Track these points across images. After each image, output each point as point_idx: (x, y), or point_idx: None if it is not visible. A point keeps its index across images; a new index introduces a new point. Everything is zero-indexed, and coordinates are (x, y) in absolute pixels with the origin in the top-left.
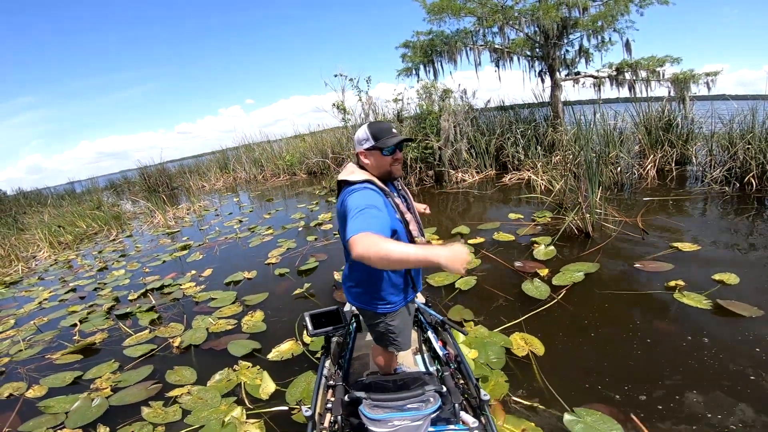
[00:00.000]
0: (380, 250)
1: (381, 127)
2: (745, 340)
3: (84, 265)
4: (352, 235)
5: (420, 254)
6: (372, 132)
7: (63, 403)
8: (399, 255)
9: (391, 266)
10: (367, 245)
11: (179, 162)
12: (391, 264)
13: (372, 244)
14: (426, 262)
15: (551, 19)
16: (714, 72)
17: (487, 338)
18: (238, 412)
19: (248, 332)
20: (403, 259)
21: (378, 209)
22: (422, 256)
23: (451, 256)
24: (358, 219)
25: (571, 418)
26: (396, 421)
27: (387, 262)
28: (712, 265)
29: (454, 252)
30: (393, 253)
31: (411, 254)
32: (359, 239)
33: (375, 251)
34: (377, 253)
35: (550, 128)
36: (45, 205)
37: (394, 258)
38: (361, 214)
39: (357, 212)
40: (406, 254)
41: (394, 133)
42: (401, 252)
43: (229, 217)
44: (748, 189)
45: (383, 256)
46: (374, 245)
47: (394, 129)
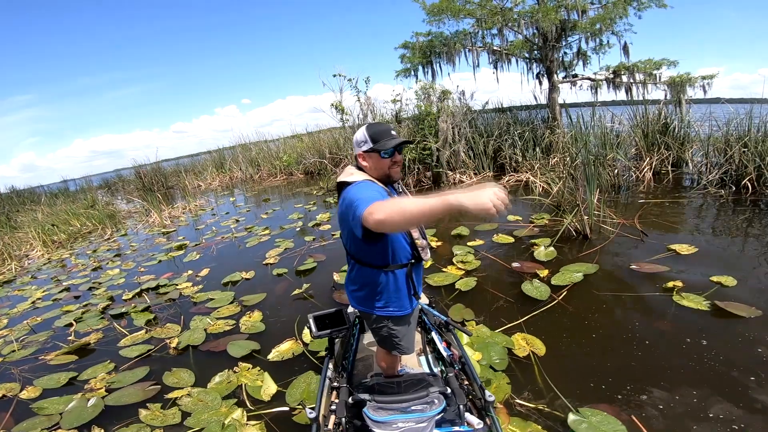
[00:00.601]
0: (397, 207)
1: (380, 129)
2: (745, 340)
3: (78, 264)
4: (363, 208)
5: (438, 202)
6: (370, 134)
7: (57, 404)
8: (418, 208)
9: (413, 221)
10: (384, 209)
11: (175, 161)
12: (413, 219)
13: (388, 207)
14: (445, 207)
15: (550, 21)
16: (710, 75)
17: (489, 338)
18: (239, 413)
19: (247, 333)
20: (423, 212)
21: (381, 195)
22: (442, 203)
23: (473, 196)
24: (363, 197)
25: (576, 418)
26: (400, 423)
27: (408, 217)
28: (709, 267)
29: (477, 192)
30: (410, 208)
31: (427, 203)
32: (374, 208)
33: (392, 211)
34: (395, 211)
35: (548, 130)
36: (38, 203)
37: (415, 212)
38: (366, 195)
39: (363, 194)
40: (426, 205)
41: (393, 135)
42: (420, 204)
43: (225, 217)
44: (744, 192)
45: (402, 211)
46: (390, 207)
47: (393, 131)
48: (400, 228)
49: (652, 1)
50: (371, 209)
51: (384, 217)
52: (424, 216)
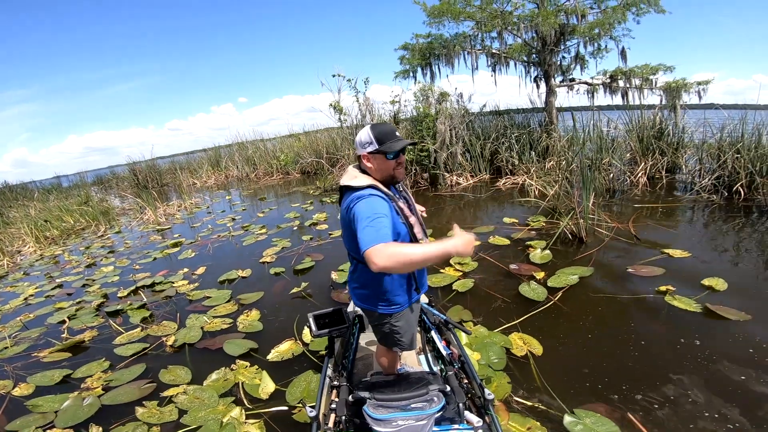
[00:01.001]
0: (401, 258)
1: (385, 130)
2: (736, 342)
3: (71, 261)
4: (367, 247)
5: (436, 250)
6: (376, 135)
7: (52, 402)
8: (420, 257)
9: (414, 269)
10: (387, 256)
11: (170, 158)
12: (414, 267)
13: (391, 255)
14: (444, 255)
15: (550, 25)
16: (705, 81)
17: (487, 338)
18: (237, 412)
19: (244, 331)
20: (424, 260)
21: (385, 216)
22: (439, 251)
23: (462, 243)
24: (369, 230)
25: (571, 419)
26: (400, 421)
27: (410, 266)
28: (701, 271)
29: (463, 240)
30: (413, 257)
31: (429, 253)
32: (377, 252)
33: (396, 260)
34: (398, 261)
35: (545, 134)
36: (31, 199)
37: (416, 261)
38: (371, 225)
39: (367, 223)
40: (425, 254)
41: (398, 136)
42: (421, 254)
43: (221, 215)
44: (736, 198)
45: (405, 262)
46: (394, 255)
47: (397, 132)
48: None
49: (651, 7)
50: (375, 252)
51: (389, 264)
52: (425, 263)
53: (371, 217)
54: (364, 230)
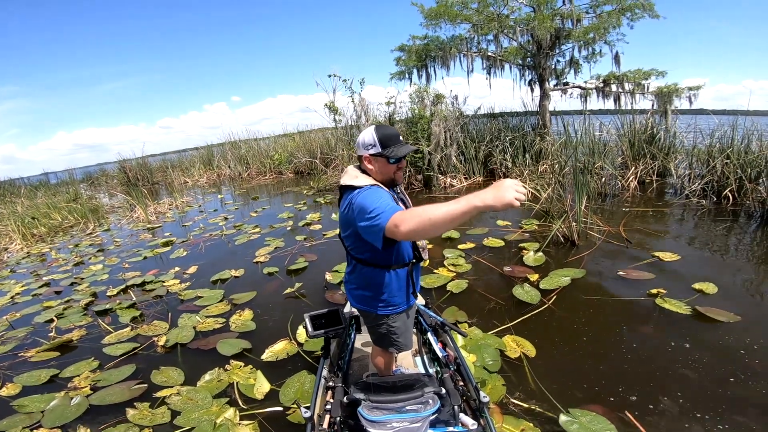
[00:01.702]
0: (425, 219)
1: (389, 134)
2: (726, 344)
3: (59, 259)
4: (387, 218)
5: (463, 206)
6: (380, 137)
7: (38, 402)
8: (444, 215)
9: (440, 230)
10: (412, 219)
11: (161, 156)
12: (440, 227)
13: (415, 217)
14: (471, 210)
15: (546, 29)
16: (696, 86)
17: (482, 340)
18: (231, 413)
19: (237, 331)
20: (451, 217)
21: (391, 199)
22: (466, 207)
23: (494, 194)
24: (382, 206)
25: (567, 418)
26: (395, 423)
27: (435, 227)
28: (691, 274)
29: (496, 189)
30: (438, 216)
31: (455, 209)
32: (399, 219)
33: (420, 222)
34: (423, 223)
35: (538, 137)
36: (18, 195)
37: (441, 220)
38: (382, 203)
39: (377, 203)
40: (449, 211)
41: (402, 141)
42: (445, 211)
43: (213, 214)
44: (725, 203)
45: (430, 222)
46: (417, 217)
47: (400, 136)
48: (428, 236)
49: (645, 12)
50: (396, 221)
51: (413, 227)
52: (452, 221)
53: (378, 199)
54: (377, 209)
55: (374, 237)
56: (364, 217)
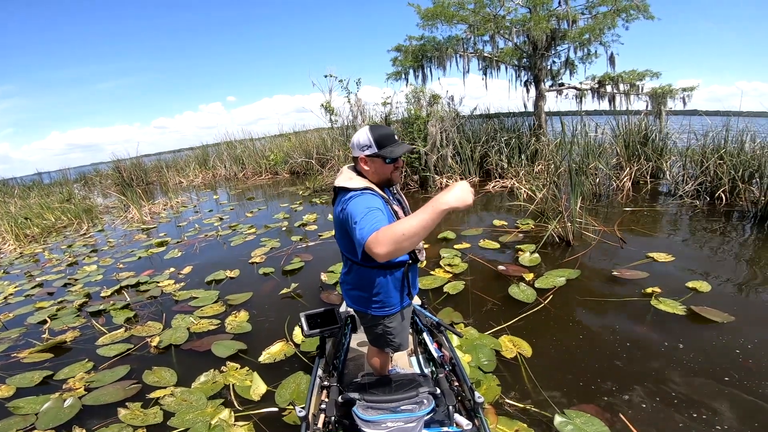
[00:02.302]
0: (398, 236)
1: (385, 134)
2: (720, 343)
3: (52, 260)
4: (364, 239)
5: (431, 213)
6: (375, 138)
7: (33, 403)
8: (416, 226)
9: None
10: (386, 241)
11: (156, 156)
12: (416, 238)
13: (389, 237)
14: (439, 214)
15: (541, 30)
16: (690, 87)
17: (478, 340)
18: (226, 414)
19: (233, 333)
20: (422, 226)
21: (381, 211)
22: (435, 213)
23: (454, 195)
24: (365, 220)
25: (562, 420)
26: (389, 423)
27: (411, 240)
28: (685, 274)
29: (458, 191)
30: (410, 229)
31: (425, 218)
32: (375, 241)
33: (395, 241)
34: (397, 240)
35: (533, 138)
36: (11, 195)
37: (414, 232)
38: (366, 217)
39: (361, 216)
40: (421, 221)
41: (398, 140)
42: (416, 223)
43: (209, 215)
44: (718, 203)
45: (405, 238)
46: (391, 236)
47: (396, 135)
48: (406, 250)
49: (640, 13)
50: (375, 241)
51: (392, 248)
52: (424, 231)
53: (365, 211)
54: (359, 223)
55: (356, 245)
56: (350, 225)
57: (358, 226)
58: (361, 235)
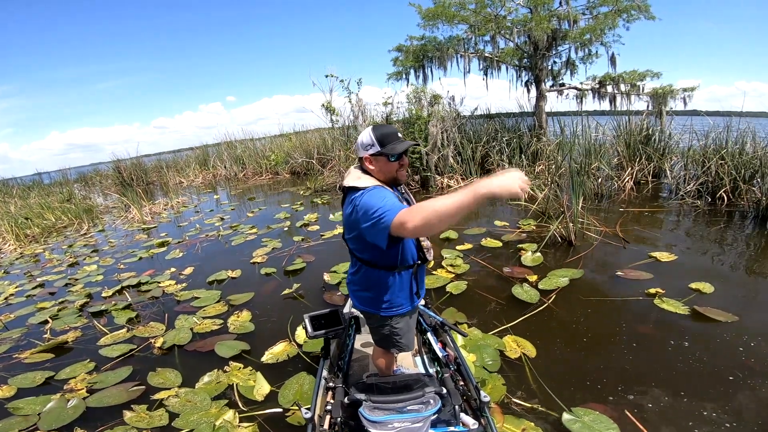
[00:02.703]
0: (431, 212)
1: (387, 132)
2: (724, 343)
3: (53, 260)
4: (393, 215)
5: (470, 195)
6: (377, 137)
7: (34, 404)
8: (451, 206)
9: (448, 222)
10: (418, 215)
11: (156, 156)
12: (447, 219)
13: (421, 212)
14: (478, 198)
15: (542, 30)
16: (691, 87)
17: (482, 340)
18: (230, 415)
19: (236, 333)
20: (458, 208)
21: (398, 200)
22: (474, 196)
23: (499, 182)
24: (387, 204)
25: (570, 417)
26: (396, 423)
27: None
28: (688, 274)
29: (505, 177)
30: (444, 208)
31: (462, 200)
32: (405, 217)
33: (427, 216)
34: (430, 217)
35: (534, 138)
36: (11, 196)
37: (448, 212)
38: (387, 201)
39: (382, 202)
40: (457, 202)
41: (400, 138)
42: (451, 203)
43: (209, 215)
44: (720, 203)
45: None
46: (423, 212)
47: (399, 133)
48: (435, 230)
49: (641, 13)
50: (402, 218)
51: (420, 222)
52: (458, 212)
53: (382, 199)
54: (382, 207)
55: (379, 236)
56: (368, 217)
57: (381, 210)
58: (389, 215)
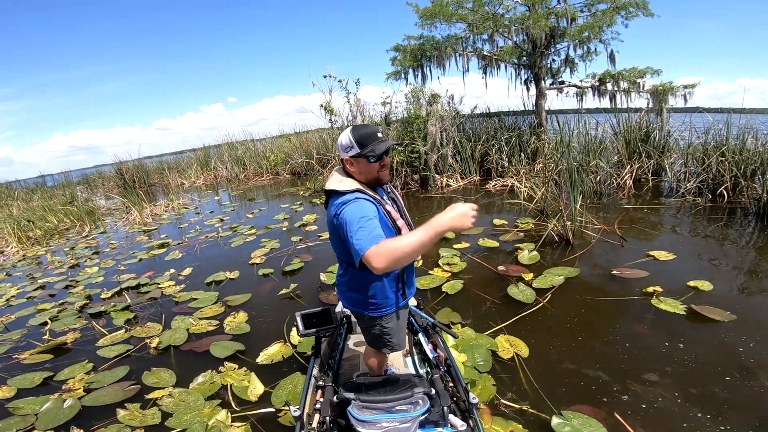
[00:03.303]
0: (396, 254)
1: (366, 133)
2: (721, 343)
3: (54, 262)
4: (362, 252)
5: (430, 233)
6: (356, 138)
7: (33, 404)
8: (415, 245)
9: (413, 257)
10: (384, 257)
11: (158, 158)
12: (413, 256)
13: (387, 253)
14: (437, 234)
15: (540, 28)
16: (691, 84)
17: (474, 340)
18: (223, 415)
19: (231, 333)
20: (421, 245)
21: (375, 218)
22: (433, 233)
23: (455, 216)
24: (361, 233)
25: (559, 421)
26: (384, 423)
27: (408, 257)
28: (686, 272)
29: (456, 212)
30: (407, 248)
31: (423, 239)
32: (372, 256)
33: (392, 258)
34: (395, 257)
35: (534, 136)
36: (14, 198)
37: (412, 251)
38: (362, 228)
39: (357, 227)
40: (419, 241)
41: (380, 137)
42: (415, 241)
43: (210, 216)
44: (720, 201)
45: (402, 256)
46: (389, 253)
47: (379, 133)
48: (401, 266)
49: (639, 11)
50: (369, 258)
51: (386, 264)
52: (421, 250)
53: (360, 220)
54: (356, 234)
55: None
56: (345, 234)
57: (355, 238)
58: (360, 247)
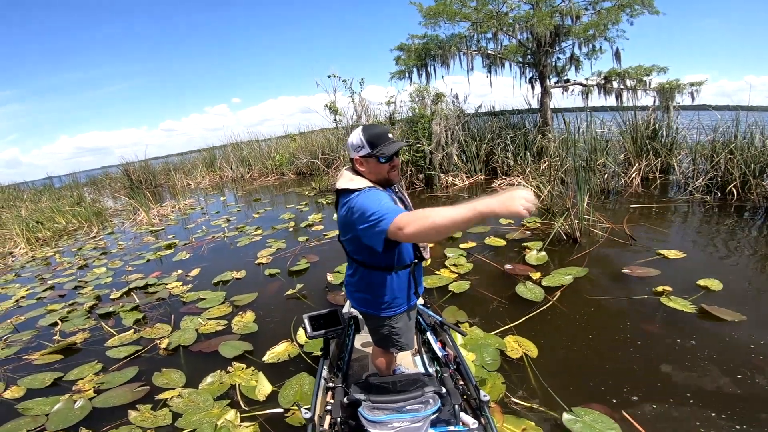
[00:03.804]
0: (429, 222)
1: (377, 133)
2: (732, 342)
3: (63, 263)
4: (390, 220)
5: (472, 211)
6: (367, 138)
7: (43, 405)
8: (448, 220)
9: (445, 233)
10: (415, 223)
11: (164, 159)
12: (445, 231)
13: (419, 221)
14: (476, 216)
15: (545, 26)
16: (698, 82)
17: (482, 340)
18: (232, 415)
19: (239, 333)
20: (455, 223)
21: (393, 202)
22: (476, 213)
23: (505, 198)
24: (384, 207)
25: (570, 417)
26: (396, 423)
27: (438, 231)
28: (696, 271)
29: (506, 195)
30: (442, 221)
31: (465, 214)
32: (402, 222)
33: (424, 225)
34: (428, 226)
35: (539, 135)
36: (22, 200)
37: (449, 224)
38: (384, 205)
39: (378, 205)
40: (459, 216)
41: (391, 138)
42: (450, 216)
43: (216, 216)
44: (729, 198)
45: (435, 227)
46: (421, 221)
47: (390, 133)
48: (431, 240)
49: (645, 8)
50: (399, 224)
51: (416, 230)
52: (455, 226)
53: (378, 202)
54: (379, 211)
55: (375, 239)
56: (365, 220)
57: (379, 213)
58: (387, 218)
